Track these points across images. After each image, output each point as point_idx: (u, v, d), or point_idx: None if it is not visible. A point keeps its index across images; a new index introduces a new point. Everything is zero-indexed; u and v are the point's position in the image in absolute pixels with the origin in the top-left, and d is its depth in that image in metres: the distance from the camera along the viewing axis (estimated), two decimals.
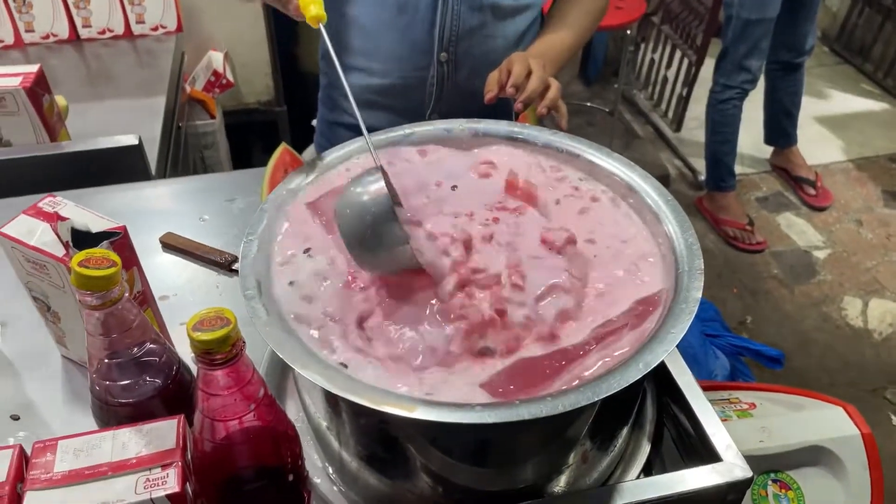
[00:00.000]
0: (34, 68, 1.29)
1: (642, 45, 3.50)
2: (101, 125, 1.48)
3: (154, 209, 1.21)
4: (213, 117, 2.12)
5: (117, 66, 1.80)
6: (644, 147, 3.21)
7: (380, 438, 0.69)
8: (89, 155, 1.30)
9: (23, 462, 0.60)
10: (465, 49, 1.20)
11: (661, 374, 0.84)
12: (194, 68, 2.25)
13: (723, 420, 0.79)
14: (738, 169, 2.84)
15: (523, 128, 0.92)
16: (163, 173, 1.47)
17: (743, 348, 1.71)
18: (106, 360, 0.61)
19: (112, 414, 0.63)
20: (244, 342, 0.55)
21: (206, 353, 0.52)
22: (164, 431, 0.61)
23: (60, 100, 1.44)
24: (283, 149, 1.18)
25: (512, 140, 0.92)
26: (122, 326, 0.60)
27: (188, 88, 2.08)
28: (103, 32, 1.82)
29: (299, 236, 0.78)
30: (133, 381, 0.63)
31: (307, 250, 0.76)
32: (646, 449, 0.81)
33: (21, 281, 0.84)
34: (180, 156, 1.74)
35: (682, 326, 0.65)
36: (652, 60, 3.45)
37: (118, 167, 1.34)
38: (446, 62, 1.20)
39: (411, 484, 0.72)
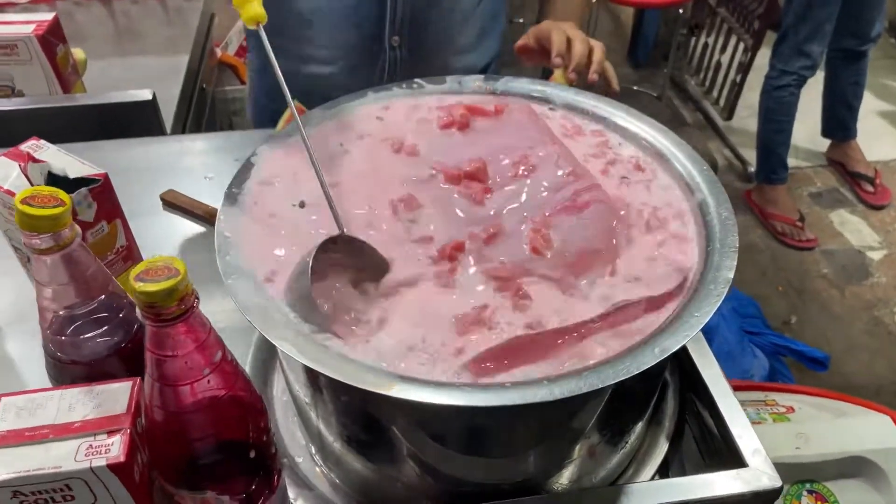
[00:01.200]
0: (49, 16, 1.24)
1: (695, 30, 3.34)
2: (121, 81, 1.44)
3: (159, 166, 1.16)
4: (243, 83, 2.07)
5: (145, 23, 1.76)
6: (692, 134, 3.07)
7: (359, 418, 0.62)
8: (102, 108, 1.25)
9: None
10: (418, 29, 1.08)
11: (684, 365, 0.75)
12: (228, 33, 2.21)
13: (755, 423, 0.71)
14: (791, 161, 2.68)
15: (545, 86, 0.83)
16: (180, 132, 1.42)
17: (784, 348, 1.60)
18: (58, 313, 0.55)
19: (66, 373, 0.58)
20: (197, 297, 0.48)
21: (150, 307, 0.45)
22: (116, 395, 0.55)
23: (79, 53, 1.39)
24: (295, 104, 1.11)
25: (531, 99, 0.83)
26: (73, 275, 0.54)
27: (219, 52, 2.03)
28: None
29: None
30: (86, 338, 0.57)
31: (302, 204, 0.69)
32: (663, 448, 0.73)
33: (0, 229, 0.79)
34: (205, 118, 1.69)
35: (707, 310, 0.56)
36: (706, 45, 3.29)
37: (132, 123, 1.29)
38: (398, 46, 1.08)
39: (396, 470, 0.65)
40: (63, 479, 0.51)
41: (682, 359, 0.76)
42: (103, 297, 0.57)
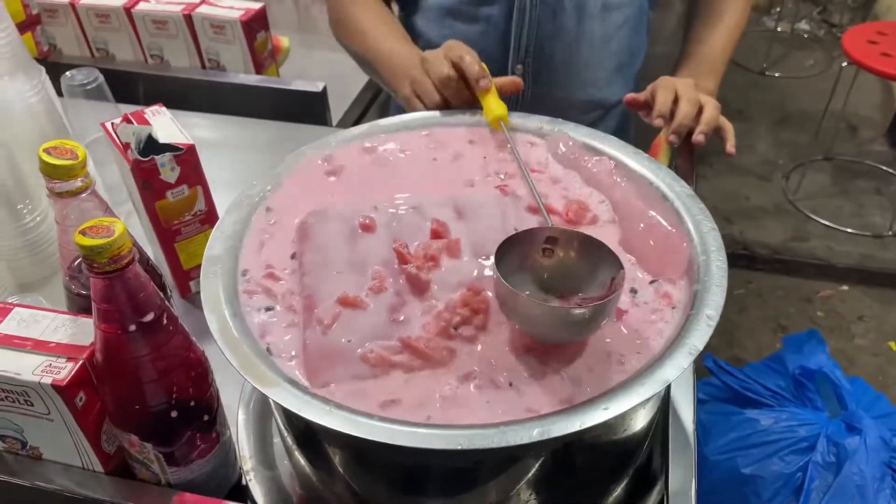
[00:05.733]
0: (258, 6, 1.42)
1: None
2: (317, 72, 1.59)
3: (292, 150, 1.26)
4: None
5: None
6: None
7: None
8: (274, 92, 1.40)
9: None
10: (543, 58, 1.05)
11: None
12: None
13: None
14: None
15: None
16: (347, 125, 1.54)
17: None
18: (71, 250, 0.65)
19: (73, 302, 0.67)
20: (133, 258, 0.54)
21: (86, 258, 0.52)
22: (90, 329, 0.63)
23: (284, 41, 1.57)
24: None
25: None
26: (84, 218, 0.63)
27: None
28: None
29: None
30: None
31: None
32: None
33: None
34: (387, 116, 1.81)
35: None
36: None
37: (302, 110, 1.43)
38: (522, 75, 1.07)
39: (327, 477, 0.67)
40: (20, 386, 0.60)
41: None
42: None
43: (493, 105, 0.81)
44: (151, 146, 0.83)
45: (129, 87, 1.45)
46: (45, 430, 0.64)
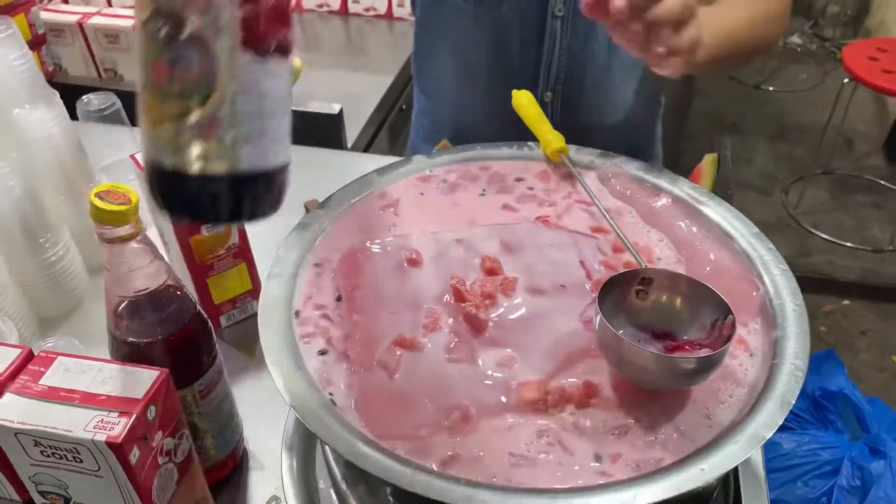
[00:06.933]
0: None
1: None
2: (328, 92, 1.57)
3: (318, 176, 1.24)
4: None
5: (371, 41, 1.91)
6: None
7: None
8: (293, 115, 1.37)
9: (25, 365, 0.63)
10: (573, 85, 1.03)
11: None
12: None
13: None
14: None
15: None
16: (362, 149, 1.52)
17: None
18: (118, 296, 0.62)
19: (118, 349, 0.64)
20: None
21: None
22: (142, 379, 0.60)
23: (296, 61, 1.55)
24: (442, 143, 1.14)
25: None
26: (134, 265, 0.60)
27: None
28: (368, 10, 1.93)
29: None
30: (138, 323, 0.63)
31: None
32: None
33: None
34: (399, 137, 1.79)
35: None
36: None
37: (319, 132, 1.40)
38: (551, 102, 1.05)
39: None
40: (71, 443, 0.57)
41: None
42: (160, 288, 0.63)
43: (552, 137, 0.80)
44: None
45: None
46: (92, 486, 0.60)
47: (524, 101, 0.86)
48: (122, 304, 0.63)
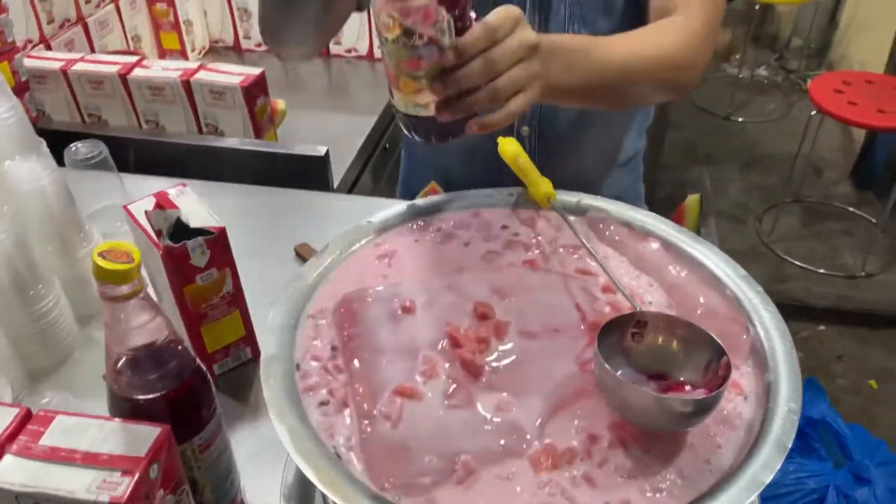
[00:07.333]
0: (256, 71, 1.41)
1: None
2: (311, 131, 1.58)
3: (306, 218, 1.24)
4: None
5: (353, 82, 1.93)
6: None
7: None
8: (277, 157, 1.39)
9: (24, 425, 0.63)
10: (550, 119, 1.03)
11: None
12: None
13: None
14: None
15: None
16: (347, 189, 1.53)
17: None
18: (118, 352, 0.62)
19: (117, 405, 0.64)
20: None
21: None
22: (143, 437, 0.60)
23: (280, 103, 1.56)
24: (430, 186, 1.15)
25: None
26: (135, 323, 0.60)
27: None
28: (349, 51, 1.96)
29: None
30: (138, 379, 0.63)
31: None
32: None
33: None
34: (383, 176, 1.80)
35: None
36: None
37: (305, 174, 1.41)
38: (528, 137, 1.05)
39: None
40: None
41: None
42: (161, 345, 0.63)
43: (540, 182, 0.82)
44: (180, 230, 0.81)
45: (124, 153, 1.42)
46: None
47: (511, 149, 0.88)
48: (123, 361, 0.63)
